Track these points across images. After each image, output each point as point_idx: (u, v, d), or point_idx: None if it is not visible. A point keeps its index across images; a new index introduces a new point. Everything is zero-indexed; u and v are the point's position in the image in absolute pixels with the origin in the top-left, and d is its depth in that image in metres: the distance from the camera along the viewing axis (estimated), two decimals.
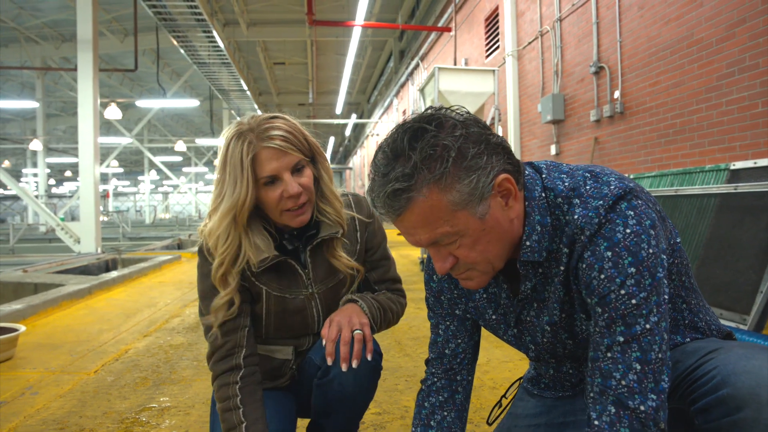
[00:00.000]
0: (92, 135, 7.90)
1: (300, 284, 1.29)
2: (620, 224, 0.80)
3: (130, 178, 46.45)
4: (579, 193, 0.86)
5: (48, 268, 6.15)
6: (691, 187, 3.89)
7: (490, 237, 0.85)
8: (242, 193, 1.14)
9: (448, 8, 11.01)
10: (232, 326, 1.22)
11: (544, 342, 0.99)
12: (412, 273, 6.25)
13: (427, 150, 0.78)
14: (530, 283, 0.93)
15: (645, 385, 0.78)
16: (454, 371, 1.08)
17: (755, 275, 2.84)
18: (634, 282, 0.79)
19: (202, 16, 9.59)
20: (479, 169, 0.80)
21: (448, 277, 1.06)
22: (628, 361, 0.78)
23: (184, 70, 17.96)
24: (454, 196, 0.79)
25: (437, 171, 0.78)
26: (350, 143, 32.94)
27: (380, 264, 1.40)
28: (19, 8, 13.28)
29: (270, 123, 1.17)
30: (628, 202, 0.82)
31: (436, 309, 1.11)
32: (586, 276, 0.83)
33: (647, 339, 0.78)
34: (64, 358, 2.82)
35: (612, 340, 0.80)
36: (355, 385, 1.20)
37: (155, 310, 4.06)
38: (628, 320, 0.79)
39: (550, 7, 6.88)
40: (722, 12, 3.95)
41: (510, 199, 0.85)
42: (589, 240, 0.82)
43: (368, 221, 1.36)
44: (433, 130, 0.79)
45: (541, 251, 0.88)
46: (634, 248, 0.79)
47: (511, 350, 2.79)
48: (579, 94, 6.23)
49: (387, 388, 2.27)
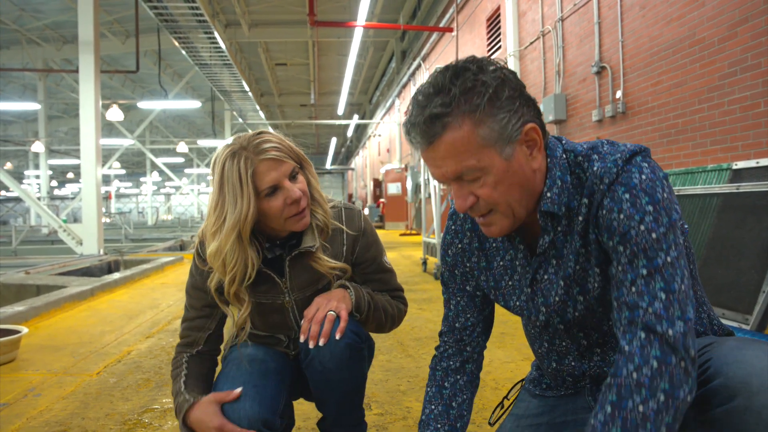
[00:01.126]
0: (94, 137, 7.91)
1: (277, 291, 1.35)
2: (636, 172, 0.86)
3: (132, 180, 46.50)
4: (597, 151, 0.92)
5: (50, 270, 6.16)
6: (693, 186, 3.88)
7: (513, 180, 0.89)
8: (244, 207, 1.19)
9: (449, 8, 11.01)
10: (198, 324, 1.36)
11: (556, 301, 1.00)
12: (414, 274, 6.25)
13: (467, 83, 0.84)
14: (549, 237, 0.96)
15: (672, 312, 0.80)
16: (464, 342, 1.14)
17: (757, 275, 2.83)
18: (652, 219, 0.83)
19: (203, 17, 9.61)
20: (511, 112, 0.86)
21: (462, 251, 1.12)
22: (653, 291, 0.81)
23: (185, 71, 17.99)
24: (485, 131, 0.85)
25: (473, 103, 0.84)
26: (352, 144, 32.95)
27: (376, 278, 1.42)
28: (20, 10, 13.32)
29: (260, 138, 1.23)
30: (643, 157, 0.89)
31: (449, 284, 1.16)
32: (606, 220, 0.87)
33: (669, 271, 0.81)
34: (66, 359, 2.83)
35: (635, 274, 0.83)
36: (333, 361, 1.23)
37: (157, 312, 4.06)
38: (650, 254, 0.82)
39: (551, 7, 6.87)
40: (724, 11, 3.95)
41: (534, 150, 0.90)
42: (608, 187, 0.87)
43: (355, 234, 1.38)
44: (474, 69, 0.86)
45: (560, 204, 0.92)
46: (650, 191, 0.84)
47: (513, 351, 2.79)
48: (581, 94, 6.22)
49: (389, 389, 2.27)
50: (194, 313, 1.36)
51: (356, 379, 1.33)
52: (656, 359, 0.78)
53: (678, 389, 0.77)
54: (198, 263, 1.34)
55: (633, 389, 0.78)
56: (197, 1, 8.92)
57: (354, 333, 1.27)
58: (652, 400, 0.76)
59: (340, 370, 1.25)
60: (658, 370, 0.77)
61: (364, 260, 1.39)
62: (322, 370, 1.25)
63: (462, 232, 1.12)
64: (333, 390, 1.30)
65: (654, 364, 0.78)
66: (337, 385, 1.29)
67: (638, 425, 0.76)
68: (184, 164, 36.12)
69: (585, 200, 0.91)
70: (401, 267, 6.97)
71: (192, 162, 32.91)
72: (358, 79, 20.59)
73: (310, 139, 33.91)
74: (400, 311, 1.44)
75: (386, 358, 2.74)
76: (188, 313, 1.38)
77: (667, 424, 0.76)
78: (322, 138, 33.48)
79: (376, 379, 2.39)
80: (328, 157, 36.28)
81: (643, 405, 0.76)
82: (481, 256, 1.10)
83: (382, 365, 2.62)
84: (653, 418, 0.76)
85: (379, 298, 1.38)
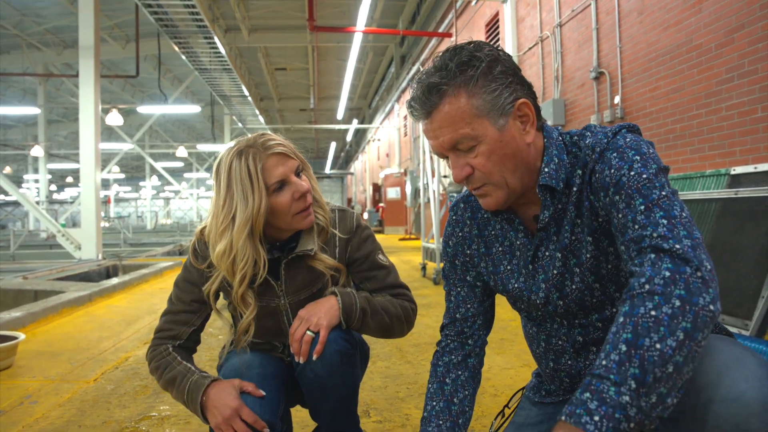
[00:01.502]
0: (93, 141, 7.91)
1: (272, 294, 1.34)
2: (621, 138, 0.93)
3: (132, 184, 46.49)
4: (590, 129, 1.00)
5: (48, 275, 6.16)
6: (692, 192, 3.88)
7: (506, 150, 0.95)
8: (256, 201, 1.20)
9: (448, 14, 11.04)
10: (183, 318, 1.33)
11: (554, 275, 1.02)
12: (413, 279, 6.24)
13: (462, 58, 0.93)
14: (548, 212, 0.99)
15: (677, 232, 0.80)
16: (465, 335, 1.15)
17: (757, 280, 2.83)
18: (640, 164, 0.88)
19: (203, 22, 9.63)
20: (503, 86, 0.93)
21: (462, 239, 1.16)
22: (655, 220, 0.82)
23: (185, 75, 18.00)
24: (478, 101, 0.92)
25: (467, 74, 0.92)
26: (352, 148, 32.97)
27: (372, 275, 1.39)
28: (21, 15, 13.34)
29: (265, 137, 1.25)
30: (630, 131, 0.96)
31: (450, 276, 1.19)
32: (599, 182, 0.92)
33: (666, 202, 0.84)
34: (63, 366, 2.82)
35: (635, 212, 0.85)
36: (324, 368, 1.23)
37: (156, 317, 4.04)
38: (644, 191, 0.85)
39: (550, 13, 6.89)
40: (721, 18, 3.96)
41: (527, 125, 0.97)
42: (599, 155, 0.94)
43: (346, 237, 1.37)
44: (471, 48, 0.95)
45: (558, 179, 0.97)
46: (635, 146, 0.90)
47: (513, 357, 2.78)
48: (579, 100, 6.23)
49: (388, 396, 2.26)
50: (181, 306, 1.33)
51: (349, 385, 1.32)
52: (668, 270, 0.76)
53: (696, 296, 0.73)
54: (194, 261, 1.33)
55: (645, 297, 0.74)
56: (197, 7, 8.94)
57: (344, 339, 1.26)
58: (666, 306, 0.72)
59: (332, 377, 1.25)
60: (671, 278, 0.75)
61: (357, 258, 1.38)
62: (314, 377, 1.24)
63: (462, 221, 1.17)
64: (326, 397, 1.29)
65: (666, 274, 0.75)
66: (329, 392, 1.28)
67: (650, 329, 0.72)
68: (184, 168, 36.13)
69: (579, 171, 0.97)
70: (400, 272, 6.92)
71: (191, 166, 32.92)
72: (357, 83, 20.62)
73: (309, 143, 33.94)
74: (406, 309, 1.37)
75: (385, 365, 2.73)
76: (174, 306, 1.34)
77: (686, 330, 0.71)
78: (321, 142, 33.51)
79: (374, 386, 2.38)
80: (327, 162, 36.29)
81: (655, 310, 0.73)
82: (480, 242, 1.14)
83: (381, 372, 2.61)
84: (667, 323, 0.71)
85: (378, 300, 1.34)
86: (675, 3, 4.47)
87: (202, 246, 1.31)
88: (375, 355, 2.89)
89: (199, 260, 1.32)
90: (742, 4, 3.76)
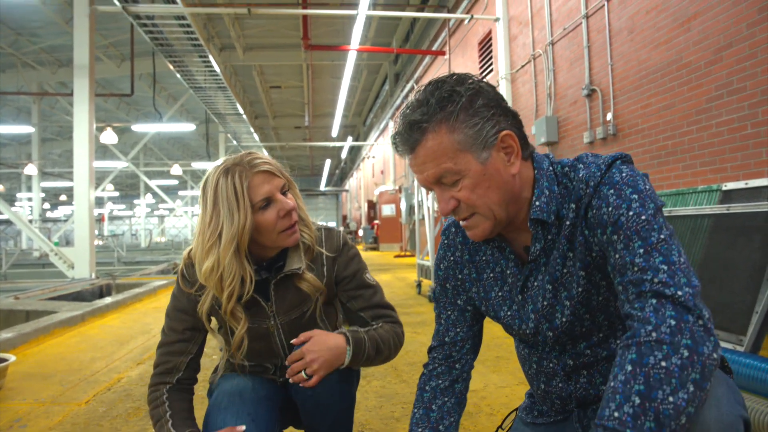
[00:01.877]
0: (87, 159, 7.91)
1: (263, 315, 1.34)
2: (617, 173, 0.92)
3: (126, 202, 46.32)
4: (582, 161, 0.98)
5: (41, 295, 6.10)
6: (684, 207, 3.91)
7: (490, 183, 0.94)
8: (242, 219, 1.20)
9: (441, 32, 11.17)
10: (178, 349, 1.33)
11: (545, 306, 1.02)
12: (408, 296, 6.22)
13: (443, 94, 0.93)
14: (539, 245, 0.99)
15: (677, 279, 0.80)
16: (453, 358, 1.15)
17: (750, 296, 2.83)
18: (638, 204, 0.87)
19: (198, 41, 9.70)
20: (485, 119, 0.92)
21: (454, 264, 1.16)
22: (654, 265, 0.82)
23: (180, 94, 18.07)
24: (460, 136, 0.92)
25: (447, 110, 0.92)
26: (346, 165, 33.07)
27: (359, 293, 1.40)
28: (16, 34, 13.39)
29: (251, 155, 1.26)
30: (623, 162, 0.95)
31: (441, 299, 1.19)
32: (596, 218, 0.92)
33: (664, 246, 0.83)
34: (54, 388, 2.78)
35: (633, 254, 0.84)
36: (322, 385, 1.23)
37: (149, 337, 4.02)
38: (643, 234, 0.85)
39: (542, 31, 6.98)
40: (709, 36, 4.02)
41: (512, 156, 0.96)
42: (594, 189, 0.93)
43: (333, 255, 1.38)
44: (452, 82, 0.94)
45: (549, 212, 0.97)
46: (632, 183, 0.89)
47: (508, 376, 2.77)
48: (572, 116, 6.29)
49: (383, 415, 2.24)
50: (174, 336, 1.33)
51: (346, 402, 1.33)
52: (673, 318, 0.76)
53: (701, 345, 0.74)
54: (183, 286, 1.33)
55: (654, 346, 0.75)
56: (192, 26, 9.01)
57: None
58: (675, 356, 0.73)
59: (330, 394, 1.25)
60: (677, 326, 0.75)
61: (344, 276, 1.39)
62: (312, 394, 1.24)
63: (454, 246, 1.17)
64: (324, 414, 1.29)
65: (671, 322, 0.76)
66: (327, 409, 1.28)
67: (662, 380, 0.72)
68: (178, 186, 36.08)
69: (572, 205, 0.96)
70: (395, 289, 6.94)
71: (186, 184, 32.90)
72: (352, 101, 20.75)
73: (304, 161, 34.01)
74: (398, 337, 1.37)
75: (380, 384, 2.71)
76: (167, 338, 1.34)
77: (695, 381, 0.73)
78: (316, 160, 33.59)
79: (369, 406, 2.36)
80: (322, 179, 36.36)
81: (665, 361, 0.73)
82: (471, 268, 1.14)
83: (376, 391, 2.59)
84: (678, 374, 0.72)
85: (380, 335, 1.32)
86: (664, 22, 4.55)
87: (190, 270, 1.31)
88: (370, 374, 2.87)
89: (188, 284, 1.32)
90: (729, 24, 3.83)
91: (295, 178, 1.38)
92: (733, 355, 2.26)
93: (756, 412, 1.76)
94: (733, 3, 3.79)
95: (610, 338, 1.04)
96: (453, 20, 10.42)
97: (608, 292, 0.98)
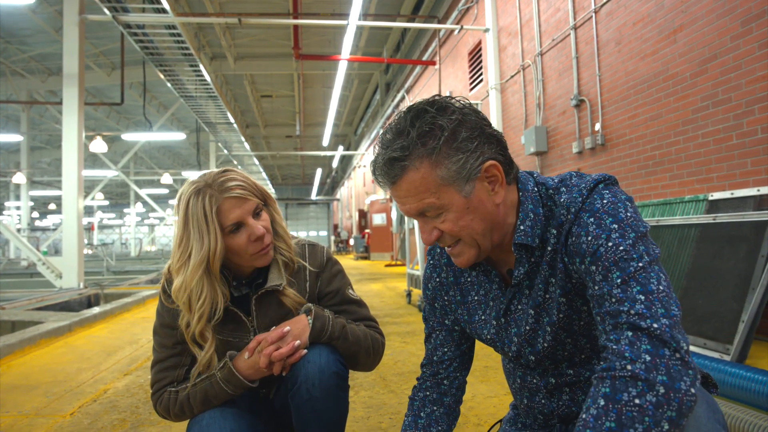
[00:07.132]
0: (76, 168, 7.86)
1: (244, 329, 1.34)
2: (598, 199, 0.90)
3: (116, 211, 46.04)
4: (566, 183, 0.97)
5: (27, 305, 6.02)
6: (671, 217, 3.94)
7: (474, 215, 0.93)
8: (212, 243, 1.20)
9: (432, 42, 11.24)
10: (172, 363, 1.33)
11: (527, 330, 1.02)
12: (398, 306, 6.21)
13: (424, 127, 0.89)
14: (523, 269, 0.98)
15: (655, 311, 0.78)
16: (440, 376, 1.17)
17: (737, 305, 2.86)
18: (618, 235, 0.85)
19: (189, 50, 9.70)
20: (468, 152, 0.89)
21: (440, 285, 1.16)
22: (632, 295, 0.81)
23: (170, 103, 18.04)
24: (443, 171, 0.89)
25: (429, 146, 0.88)
26: (338, 174, 33.06)
27: (344, 308, 1.41)
28: (6, 42, 13.34)
29: (225, 176, 1.25)
30: (605, 185, 0.93)
31: (430, 319, 1.20)
32: (575, 246, 0.90)
33: (642, 276, 0.82)
34: (39, 399, 2.74)
35: (611, 285, 0.83)
36: (320, 389, 1.23)
37: (137, 347, 3.98)
38: (621, 264, 0.83)
39: (531, 42, 7.05)
40: (695, 48, 4.08)
41: (497, 186, 0.94)
42: (575, 216, 0.91)
43: (317, 271, 1.39)
44: (433, 112, 0.90)
45: (534, 236, 0.96)
46: (612, 211, 0.88)
47: (497, 386, 2.77)
48: (561, 126, 6.34)
49: (371, 426, 2.23)
50: (166, 352, 1.33)
51: (341, 409, 1.31)
52: (648, 353, 0.75)
53: (678, 381, 0.73)
54: (165, 301, 1.32)
55: (628, 382, 0.74)
56: (183, 35, 9.02)
57: (340, 362, 1.27)
58: (650, 393, 0.72)
59: (327, 399, 1.24)
60: (652, 362, 0.74)
61: (328, 292, 1.40)
62: (309, 398, 1.23)
63: (439, 267, 1.17)
64: (319, 419, 1.27)
65: (647, 357, 0.75)
66: (322, 415, 1.26)
67: (634, 419, 0.71)
68: (169, 195, 35.91)
69: (554, 231, 0.95)
70: (385, 299, 6.93)
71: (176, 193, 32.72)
72: (343, 110, 20.80)
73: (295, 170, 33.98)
74: (376, 341, 1.39)
75: (368, 394, 2.70)
76: (159, 355, 1.34)
77: (670, 419, 0.71)
78: (307, 169, 33.56)
79: (357, 417, 2.35)
80: (313, 188, 36.30)
81: (639, 398, 0.72)
82: (456, 290, 1.14)
83: (363, 401, 2.57)
84: (652, 412, 0.71)
85: (352, 328, 1.35)
86: (651, 33, 4.61)
87: (170, 285, 1.30)
88: (358, 384, 2.86)
89: (169, 299, 1.31)
90: (714, 36, 3.89)
91: (285, 187, 1.38)
92: (719, 365, 2.27)
93: (741, 421, 1.76)
94: (717, 16, 3.86)
95: (593, 359, 1.04)
96: (443, 30, 10.50)
97: (589, 317, 0.98)
